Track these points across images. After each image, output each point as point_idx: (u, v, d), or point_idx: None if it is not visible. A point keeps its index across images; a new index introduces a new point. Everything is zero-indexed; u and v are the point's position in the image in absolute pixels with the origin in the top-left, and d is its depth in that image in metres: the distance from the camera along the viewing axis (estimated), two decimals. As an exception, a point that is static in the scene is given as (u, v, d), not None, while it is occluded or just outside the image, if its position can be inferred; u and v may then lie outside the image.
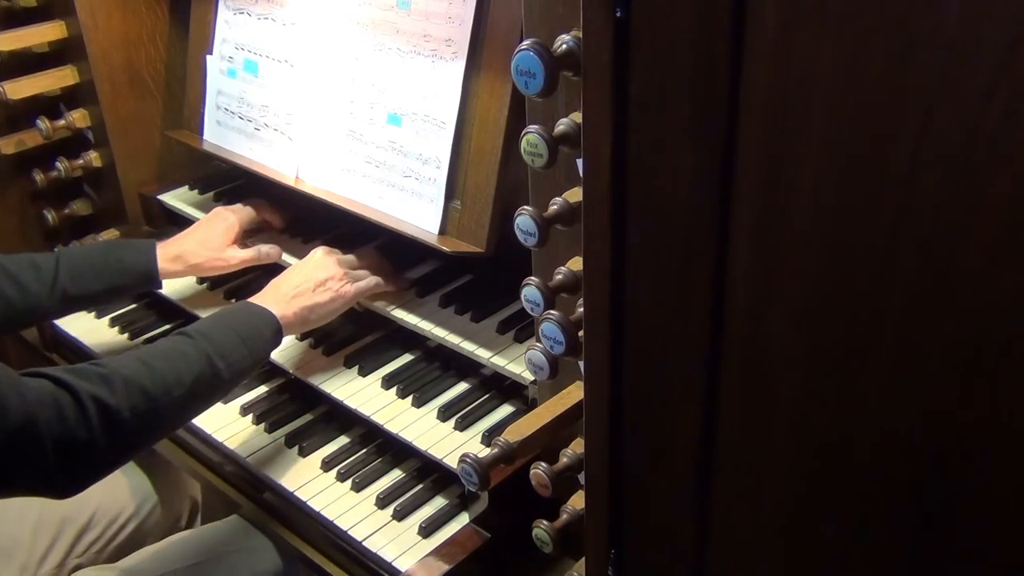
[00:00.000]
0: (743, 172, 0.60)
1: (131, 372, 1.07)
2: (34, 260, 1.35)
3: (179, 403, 1.11)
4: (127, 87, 1.72)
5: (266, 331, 1.26)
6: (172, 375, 1.11)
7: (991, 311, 0.52)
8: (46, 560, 1.45)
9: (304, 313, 1.32)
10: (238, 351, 1.19)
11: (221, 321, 1.23)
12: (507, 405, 1.34)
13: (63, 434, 0.99)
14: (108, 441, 1.03)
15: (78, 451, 1.01)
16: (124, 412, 1.04)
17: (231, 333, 1.21)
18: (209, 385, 1.16)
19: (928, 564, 0.62)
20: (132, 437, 1.07)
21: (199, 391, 1.14)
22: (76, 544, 1.48)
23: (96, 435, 1.02)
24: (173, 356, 1.14)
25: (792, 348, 0.62)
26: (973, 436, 0.56)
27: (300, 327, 1.35)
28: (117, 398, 1.04)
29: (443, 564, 1.17)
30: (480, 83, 1.24)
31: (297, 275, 1.36)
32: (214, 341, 1.18)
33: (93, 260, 1.39)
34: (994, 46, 0.47)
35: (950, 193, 0.51)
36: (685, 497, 0.74)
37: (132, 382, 1.06)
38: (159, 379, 1.09)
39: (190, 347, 1.16)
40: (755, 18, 0.55)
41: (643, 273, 0.68)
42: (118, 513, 1.54)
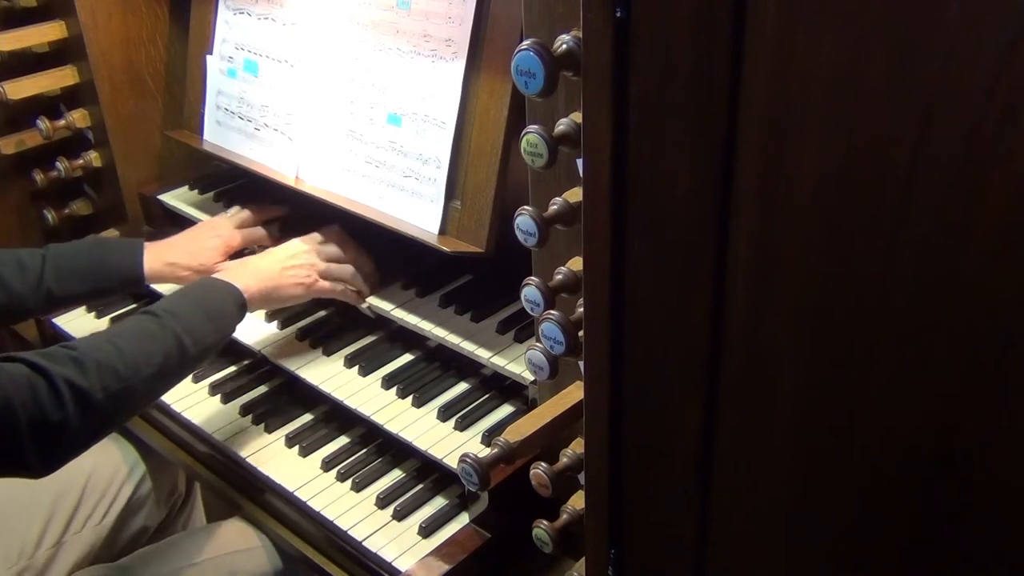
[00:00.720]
0: (743, 172, 0.60)
1: (102, 355, 1.11)
2: (20, 259, 1.36)
3: (149, 381, 1.15)
4: (127, 87, 1.72)
5: (231, 306, 1.29)
6: (141, 355, 1.15)
7: (991, 311, 0.52)
8: (43, 540, 1.45)
9: (267, 292, 1.35)
10: (204, 327, 1.23)
11: (187, 298, 1.27)
12: (507, 405, 1.34)
13: (38, 416, 1.03)
14: (81, 422, 1.07)
15: (52, 432, 1.05)
16: (97, 393, 1.08)
17: (197, 310, 1.24)
18: (177, 362, 1.19)
19: (928, 563, 0.62)
20: (105, 416, 1.12)
21: (168, 368, 1.18)
22: (72, 520, 1.49)
23: (70, 416, 1.06)
24: (142, 336, 1.18)
25: (792, 348, 0.62)
26: (973, 436, 0.56)
27: (262, 304, 1.38)
28: (90, 380, 1.08)
29: (443, 564, 1.17)
30: (480, 83, 1.24)
31: (270, 255, 1.40)
32: (181, 319, 1.21)
33: (79, 262, 1.40)
34: (994, 46, 0.47)
35: (950, 193, 0.51)
36: (685, 497, 0.74)
37: (104, 364, 1.10)
38: (129, 360, 1.13)
39: (157, 326, 1.19)
40: (755, 18, 0.55)
41: (643, 273, 0.68)
42: (109, 483, 1.54)
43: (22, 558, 1.42)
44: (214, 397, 1.48)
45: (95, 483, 1.52)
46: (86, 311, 1.68)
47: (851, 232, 0.56)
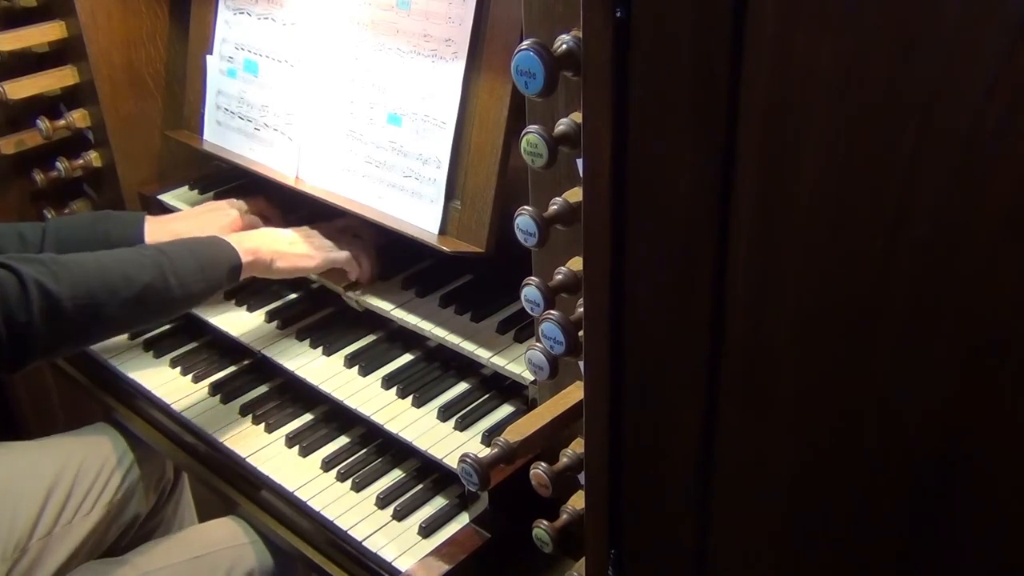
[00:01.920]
0: (743, 172, 0.60)
1: (79, 268, 1.14)
2: (22, 232, 1.37)
3: (123, 305, 1.17)
4: (127, 87, 1.71)
5: (225, 264, 1.30)
6: (120, 278, 1.16)
7: (991, 311, 0.52)
8: (35, 531, 1.45)
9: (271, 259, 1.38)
10: (194, 275, 1.25)
11: (184, 244, 1.29)
12: (507, 405, 1.34)
13: (6, 312, 1.06)
14: (47, 326, 1.10)
15: (18, 330, 1.08)
16: (65, 301, 1.10)
17: (190, 256, 1.26)
18: (158, 296, 1.21)
19: (928, 563, 0.62)
20: (71, 327, 1.13)
21: (147, 299, 1.19)
22: (64, 510, 1.49)
23: (35, 317, 1.08)
24: (125, 260, 1.20)
25: (792, 348, 0.62)
26: (973, 436, 0.56)
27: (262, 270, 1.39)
28: (60, 286, 1.10)
29: (443, 564, 1.17)
30: (480, 83, 1.24)
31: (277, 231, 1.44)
32: (171, 258, 1.23)
33: (80, 234, 1.41)
34: (994, 46, 0.47)
35: (950, 193, 0.51)
36: (685, 497, 0.74)
37: (78, 276, 1.12)
38: (107, 278, 1.15)
39: (145, 258, 1.21)
40: (755, 18, 0.55)
41: (643, 273, 0.68)
42: (99, 469, 1.54)
43: (16, 550, 1.42)
44: (214, 397, 1.48)
45: (85, 471, 1.53)
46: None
47: (851, 232, 0.56)
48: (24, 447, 1.56)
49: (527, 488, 0.95)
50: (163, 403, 1.47)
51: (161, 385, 1.51)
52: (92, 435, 1.59)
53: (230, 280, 1.33)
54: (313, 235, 1.45)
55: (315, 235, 1.45)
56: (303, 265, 1.41)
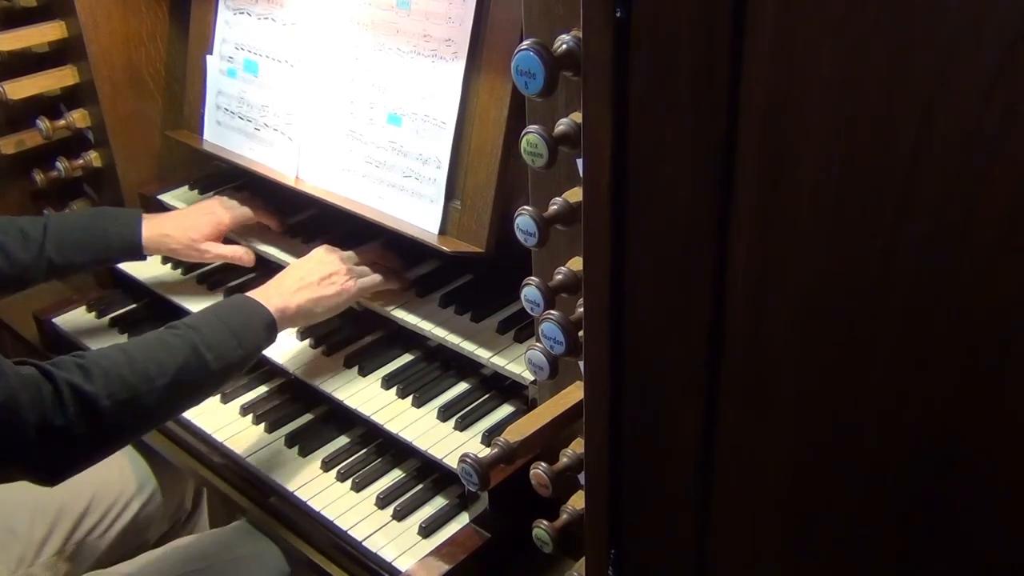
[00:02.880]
0: (743, 172, 0.60)
1: (110, 362, 1.09)
2: (23, 228, 1.37)
3: (163, 392, 1.11)
4: (127, 87, 1.72)
5: (257, 323, 1.24)
6: (154, 364, 1.11)
7: (991, 311, 0.52)
8: (44, 549, 1.45)
9: (309, 306, 1.31)
10: (227, 343, 1.19)
11: (211, 313, 1.24)
12: (507, 405, 1.34)
13: (42, 417, 1.01)
14: (87, 428, 1.04)
15: (57, 436, 1.03)
16: (103, 400, 1.05)
17: (220, 324, 1.20)
18: (196, 375, 1.15)
19: (928, 564, 0.62)
20: (114, 425, 1.08)
21: (185, 380, 1.14)
22: (75, 531, 1.48)
23: (72, 421, 1.03)
24: (155, 346, 1.14)
25: (792, 348, 0.62)
26: (973, 436, 0.56)
27: (303, 320, 1.34)
28: (95, 386, 1.05)
29: (443, 564, 1.17)
30: (480, 83, 1.24)
31: (301, 269, 1.36)
32: (202, 332, 1.17)
33: (79, 231, 1.41)
34: (994, 46, 0.47)
35: (950, 193, 0.51)
36: (685, 497, 0.74)
37: (111, 371, 1.07)
38: (140, 368, 1.09)
39: (175, 338, 1.16)
40: (755, 18, 0.55)
41: (643, 273, 0.68)
42: (116, 497, 1.54)
43: (21, 565, 1.42)
44: (214, 397, 1.47)
45: (101, 497, 1.52)
46: (86, 310, 1.68)
47: (851, 232, 0.56)
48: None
49: (527, 488, 0.95)
50: (163, 403, 1.47)
51: (161, 385, 1.50)
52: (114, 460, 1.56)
53: (269, 339, 1.27)
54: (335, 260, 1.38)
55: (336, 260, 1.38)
56: (342, 302, 1.36)
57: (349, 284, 1.36)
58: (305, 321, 1.35)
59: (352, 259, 1.40)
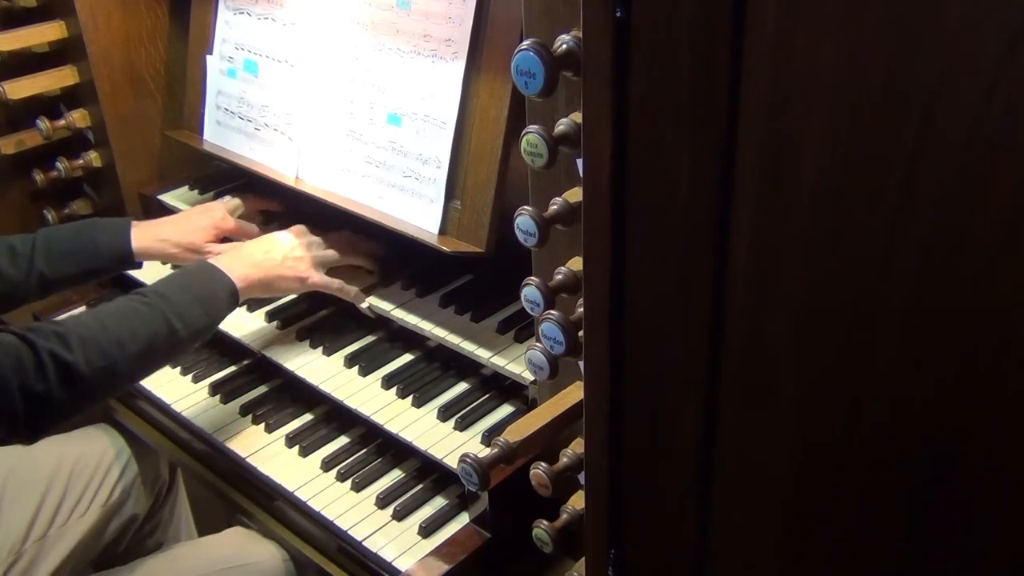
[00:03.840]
0: (743, 172, 0.60)
1: (87, 331, 1.15)
2: (11, 244, 1.38)
3: (135, 359, 1.19)
4: (127, 87, 1.72)
5: (222, 293, 1.30)
6: (127, 333, 1.18)
7: (991, 311, 0.52)
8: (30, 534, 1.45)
9: (269, 281, 1.37)
10: (194, 312, 1.25)
11: (176, 281, 1.29)
12: (507, 405, 1.34)
13: (23, 383, 1.08)
14: (65, 393, 1.12)
15: (38, 400, 1.10)
16: (81, 367, 1.12)
17: (186, 293, 1.26)
18: (165, 342, 1.22)
19: (928, 561, 0.62)
20: (89, 389, 1.15)
21: (155, 347, 1.21)
22: (58, 511, 1.49)
23: (53, 387, 1.10)
24: (129, 315, 1.21)
25: (792, 348, 0.62)
26: (973, 436, 0.56)
27: (260, 293, 1.39)
28: (74, 354, 1.12)
29: (443, 564, 1.17)
30: (480, 83, 1.24)
31: (268, 243, 1.41)
32: (169, 301, 1.23)
33: (68, 243, 1.41)
34: (994, 46, 0.47)
35: (950, 193, 0.51)
36: (685, 497, 0.74)
37: (88, 340, 1.14)
38: (114, 337, 1.17)
39: (145, 307, 1.22)
40: (755, 18, 0.55)
41: (643, 273, 0.68)
42: (95, 468, 1.55)
43: (11, 553, 1.42)
44: (214, 397, 1.48)
45: (80, 471, 1.53)
46: (86, 310, 1.68)
47: (851, 232, 0.56)
48: (19, 448, 1.56)
49: (527, 488, 0.95)
50: (163, 403, 1.47)
51: (161, 385, 1.51)
52: (88, 434, 1.59)
53: (229, 308, 1.32)
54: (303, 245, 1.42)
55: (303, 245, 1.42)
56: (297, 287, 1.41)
57: (308, 273, 1.41)
58: (259, 293, 1.40)
59: (320, 245, 1.44)
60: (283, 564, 1.40)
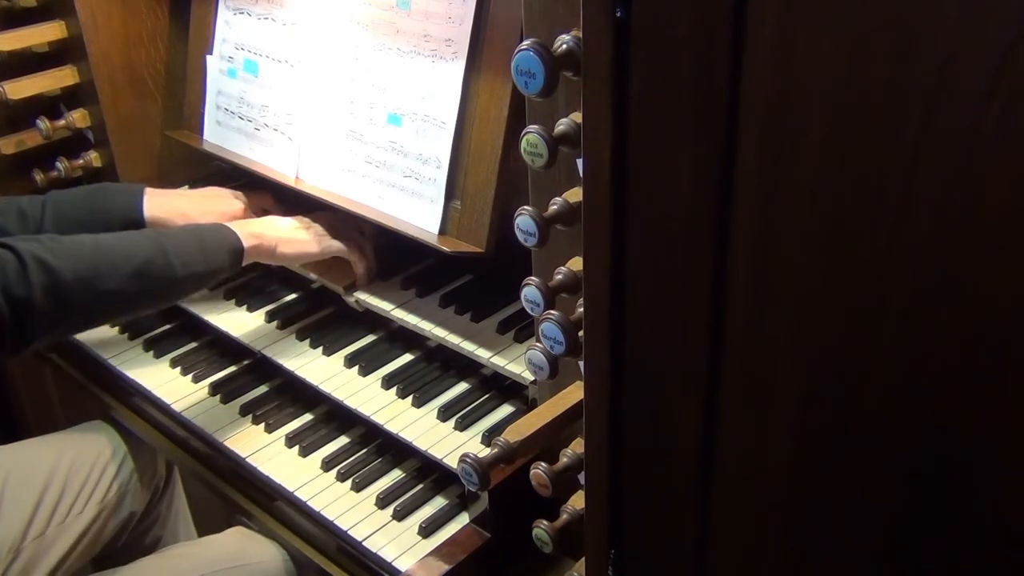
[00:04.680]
0: (743, 172, 0.60)
1: (74, 243, 1.13)
2: (21, 207, 1.36)
3: (125, 280, 1.15)
4: (127, 87, 1.72)
5: (225, 245, 1.29)
6: (118, 253, 1.16)
7: (991, 311, 0.52)
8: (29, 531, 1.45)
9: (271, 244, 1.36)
10: (195, 255, 1.24)
11: (185, 228, 1.30)
12: (507, 405, 1.34)
13: (5, 286, 1.05)
14: (50, 301, 1.08)
15: (20, 306, 1.06)
16: (66, 274, 1.09)
17: (190, 237, 1.26)
18: (159, 273, 1.19)
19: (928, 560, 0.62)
20: (76, 302, 1.12)
21: (149, 274, 1.18)
22: (56, 509, 1.49)
23: (35, 292, 1.07)
24: (123, 238, 1.20)
25: (792, 348, 0.62)
26: (973, 435, 0.56)
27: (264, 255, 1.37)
28: (58, 260, 1.09)
29: (443, 564, 1.17)
30: (480, 83, 1.24)
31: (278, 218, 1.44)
32: (170, 238, 1.23)
33: (78, 207, 1.39)
34: (994, 46, 0.47)
35: (950, 193, 0.51)
36: (685, 497, 0.74)
37: (75, 250, 1.12)
38: (104, 253, 1.14)
39: (144, 237, 1.21)
40: (755, 18, 0.55)
41: (643, 273, 0.68)
42: (92, 465, 1.54)
43: (10, 551, 1.42)
44: (214, 397, 1.48)
45: (77, 469, 1.52)
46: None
47: (851, 232, 0.56)
48: (16, 446, 1.56)
49: (527, 488, 0.95)
50: (163, 403, 1.47)
51: (161, 385, 1.51)
52: (85, 432, 1.59)
53: (232, 265, 1.31)
54: (315, 224, 1.45)
55: (317, 224, 1.45)
56: (307, 250, 1.41)
57: (318, 241, 1.42)
58: (271, 259, 1.39)
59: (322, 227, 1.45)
60: (283, 564, 1.40)
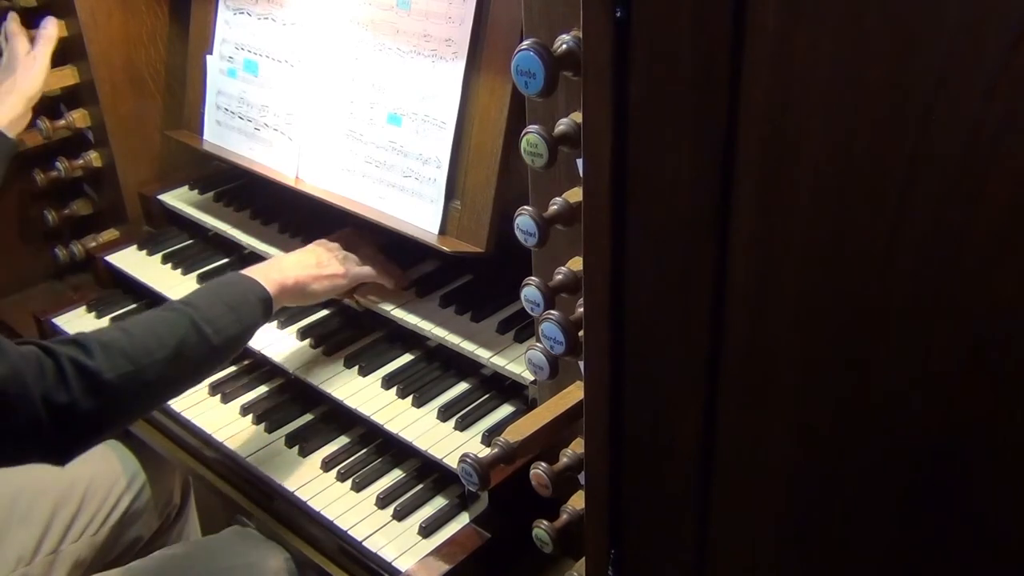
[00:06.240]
0: (743, 172, 0.60)
1: (109, 338, 1.09)
2: None
3: (165, 366, 1.12)
4: (127, 87, 1.72)
5: (252, 298, 1.25)
6: (153, 339, 1.12)
7: (991, 311, 0.52)
8: (40, 548, 1.45)
9: (306, 281, 1.33)
10: (225, 317, 1.19)
11: (206, 290, 1.25)
12: (507, 405, 1.34)
13: (46, 394, 1.01)
14: (93, 403, 1.05)
15: (63, 413, 1.03)
16: (105, 374, 1.05)
17: (216, 299, 1.21)
18: (197, 349, 1.16)
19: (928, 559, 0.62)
20: (119, 400, 1.08)
21: (186, 353, 1.14)
22: (70, 528, 1.48)
23: (77, 397, 1.03)
24: (154, 322, 1.15)
25: (792, 348, 0.62)
26: (973, 434, 0.56)
27: (300, 298, 1.35)
28: (96, 360, 1.05)
29: (443, 564, 1.17)
30: (480, 83, 1.24)
31: (298, 254, 1.39)
32: (198, 307, 1.18)
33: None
34: (994, 46, 0.47)
35: (950, 192, 0.51)
36: (685, 497, 0.74)
37: (110, 346, 1.08)
38: (139, 343, 1.10)
39: (171, 313, 1.17)
40: (755, 18, 0.55)
41: (643, 273, 0.68)
42: (109, 489, 1.54)
43: (20, 564, 1.42)
44: (214, 397, 1.48)
45: (94, 491, 1.52)
46: (86, 310, 1.68)
47: (851, 232, 0.56)
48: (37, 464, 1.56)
49: (527, 488, 0.95)
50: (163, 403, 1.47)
51: (161, 385, 1.51)
52: (102, 453, 1.57)
53: (265, 315, 1.27)
54: (330, 251, 1.40)
55: (335, 250, 1.41)
56: (337, 284, 1.37)
57: (344, 269, 1.38)
58: (302, 300, 1.36)
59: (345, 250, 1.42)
60: (283, 564, 1.39)
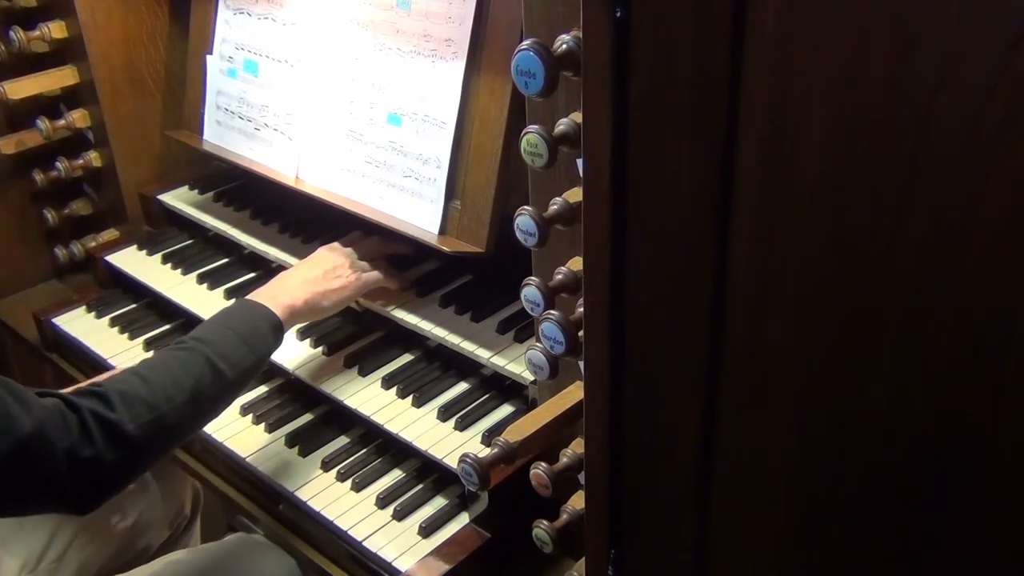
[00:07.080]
0: (743, 172, 0.60)
1: (127, 386, 1.08)
2: None
3: (184, 409, 1.11)
4: (127, 87, 1.72)
5: (263, 326, 1.24)
6: (170, 383, 1.11)
7: (991, 311, 0.52)
8: (47, 553, 1.44)
9: (316, 299, 1.32)
10: (239, 350, 1.19)
11: (216, 323, 1.23)
12: (507, 405, 1.34)
13: (70, 448, 1.00)
14: (117, 455, 1.04)
15: (88, 466, 1.02)
16: (127, 425, 1.05)
17: (228, 332, 1.20)
18: (213, 386, 1.15)
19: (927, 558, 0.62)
20: (142, 448, 1.08)
21: (204, 393, 1.14)
22: (78, 534, 1.48)
23: (101, 450, 1.03)
24: (169, 364, 1.14)
25: (792, 348, 0.62)
26: (973, 434, 0.56)
27: (311, 315, 1.34)
28: (117, 412, 1.04)
29: (443, 564, 1.17)
30: (480, 83, 1.24)
31: (304, 266, 1.37)
32: (211, 343, 1.17)
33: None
34: (994, 46, 0.47)
35: (950, 193, 0.51)
36: (685, 497, 0.74)
37: (130, 395, 1.07)
38: (157, 388, 1.09)
39: (185, 353, 1.16)
40: (755, 18, 0.55)
41: (643, 273, 0.68)
42: (120, 501, 1.53)
43: (24, 569, 1.42)
44: (214, 397, 1.47)
45: None
46: (86, 310, 1.68)
47: (851, 232, 0.56)
48: None
49: (527, 488, 0.95)
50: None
51: (161, 385, 1.50)
52: None
53: (276, 340, 1.26)
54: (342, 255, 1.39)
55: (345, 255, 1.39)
56: (347, 296, 1.36)
57: (354, 277, 1.37)
58: (313, 316, 1.35)
59: (352, 255, 1.40)
60: (283, 565, 1.39)
